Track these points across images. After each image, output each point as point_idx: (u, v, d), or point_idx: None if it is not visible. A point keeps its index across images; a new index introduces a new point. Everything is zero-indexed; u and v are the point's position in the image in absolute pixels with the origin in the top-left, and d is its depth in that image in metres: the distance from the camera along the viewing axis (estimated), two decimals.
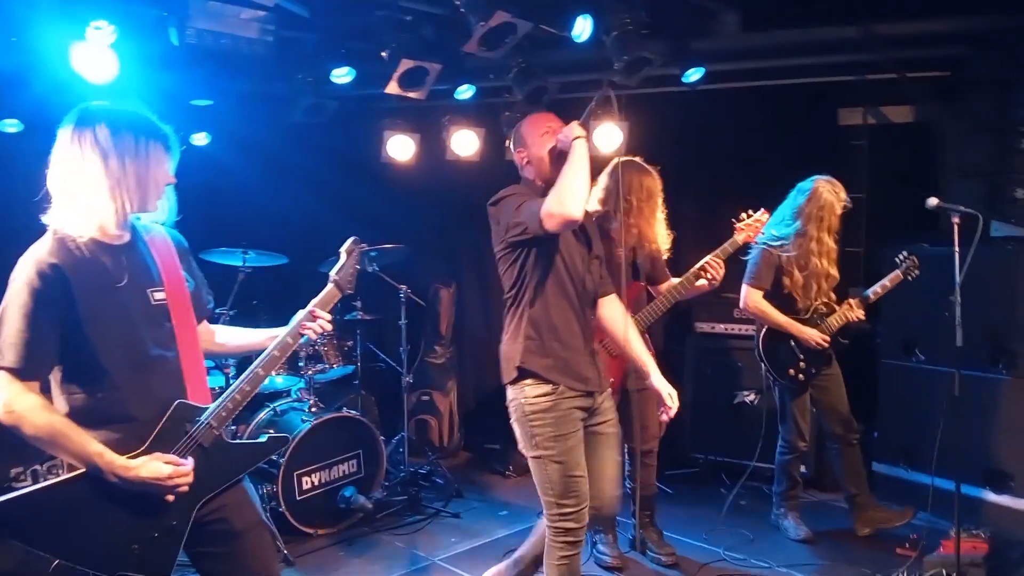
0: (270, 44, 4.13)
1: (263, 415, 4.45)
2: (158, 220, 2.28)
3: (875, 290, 4.03)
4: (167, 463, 2.06)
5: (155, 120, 2.17)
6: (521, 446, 2.86)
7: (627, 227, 3.57)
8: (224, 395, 2.23)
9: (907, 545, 3.57)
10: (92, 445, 1.99)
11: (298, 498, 4.18)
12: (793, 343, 3.99)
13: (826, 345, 3.95)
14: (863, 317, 4.02)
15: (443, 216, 6.01)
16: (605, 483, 2.89)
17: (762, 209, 3.78)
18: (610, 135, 5.00)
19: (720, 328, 5.14)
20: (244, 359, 2.38)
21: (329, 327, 2.38)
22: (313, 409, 4.42)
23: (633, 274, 3.73)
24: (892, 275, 4.01)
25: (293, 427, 4.26)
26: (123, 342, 2.07)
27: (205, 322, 2.43)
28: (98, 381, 2.04)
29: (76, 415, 2.03)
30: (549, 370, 2.76)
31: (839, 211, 3.95)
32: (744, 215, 3.73)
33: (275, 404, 4.50)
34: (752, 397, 4.85)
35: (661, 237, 3.73)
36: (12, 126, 4.32)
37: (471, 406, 6.07)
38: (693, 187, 5.27)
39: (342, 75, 4.35)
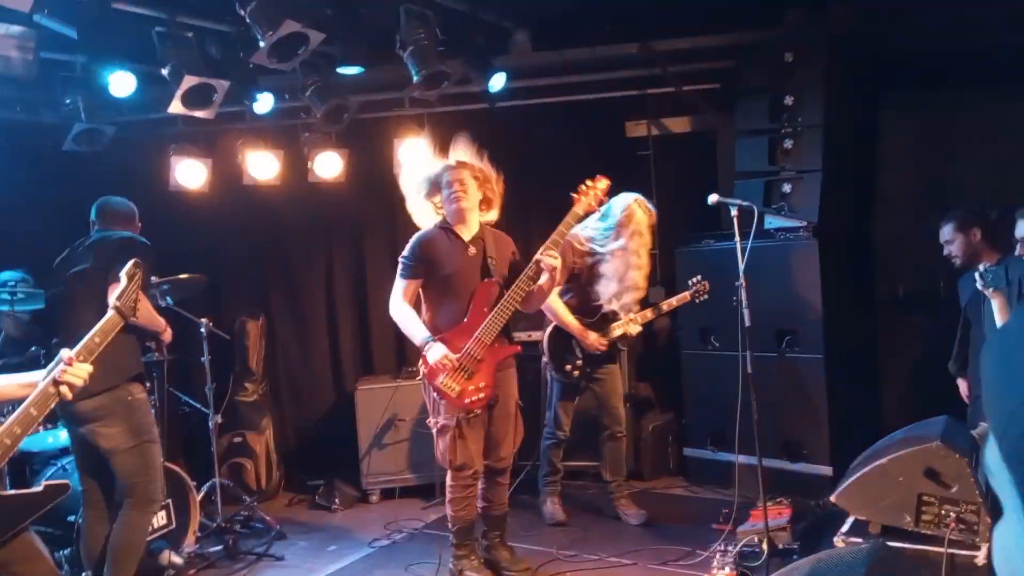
0: (30, 65, 3.76)
1: (50, 473, 3.95)
2: None
3: (663, 305, 4.32)
4: None
5: None
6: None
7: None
8: None
9: (720, 520, 3.80)
10: None
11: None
12: (575, 342, 4.24)
13: (603, 350, 4.24)
14: (635, 335, 4.32)
15: (246, 245, 5.71)
16: None
17: (599, 176, 3.69)
18: (416, 151, 5.01)
19: (536, 335, 5.24)
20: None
21: (84, 374, 2.18)
22: None
23: (484, 272, 3.62)
24: (681, 295, 4.33)
25: None
26: None
27: None
28: None
29: None
30: None
31: (650, 225, 4.20)
32: (585, 184, 3.63)
33: (63, 460, 4.02)
34: None
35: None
36: None
37: (290, 443, 5.78)
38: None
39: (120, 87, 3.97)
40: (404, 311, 3.59)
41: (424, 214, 3.72)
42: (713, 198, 3.76)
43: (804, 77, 4.51)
